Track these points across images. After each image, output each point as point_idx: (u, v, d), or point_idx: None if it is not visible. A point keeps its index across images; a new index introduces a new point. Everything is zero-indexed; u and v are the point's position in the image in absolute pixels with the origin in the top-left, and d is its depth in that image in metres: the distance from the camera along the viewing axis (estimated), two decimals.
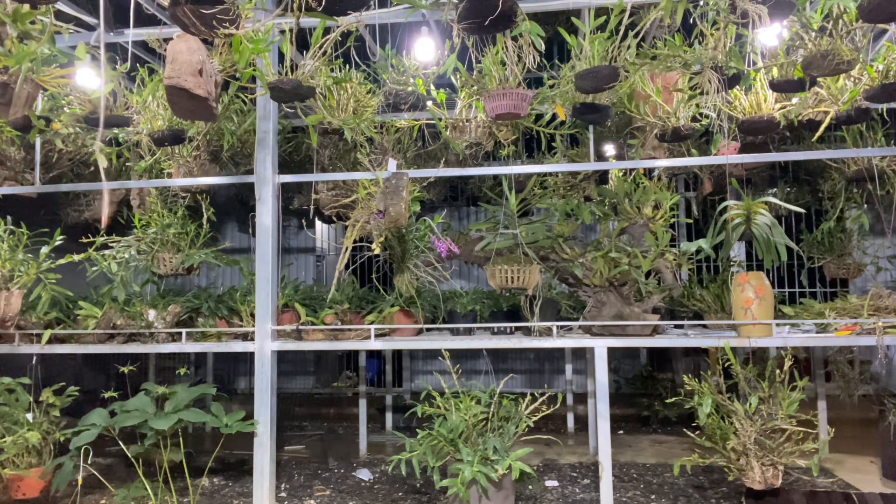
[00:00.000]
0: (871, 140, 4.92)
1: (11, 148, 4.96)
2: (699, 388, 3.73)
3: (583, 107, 4.03)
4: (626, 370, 7.49)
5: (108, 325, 4.38)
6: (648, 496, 4.38)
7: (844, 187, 5.54)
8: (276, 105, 4.44)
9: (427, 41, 4.42)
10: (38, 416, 4.10)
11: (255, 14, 3.33)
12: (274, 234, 4.35)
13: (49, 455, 4.05)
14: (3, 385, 4.10)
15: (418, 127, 5.00)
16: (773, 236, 4.03)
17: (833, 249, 5.68)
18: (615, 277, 4.18)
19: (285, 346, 4.27)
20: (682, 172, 6.20)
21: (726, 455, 3.69)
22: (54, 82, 3.47)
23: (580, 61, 3.67)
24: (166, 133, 4.32)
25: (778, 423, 3.58)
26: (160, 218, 4.83)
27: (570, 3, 4.19)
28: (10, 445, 3.89)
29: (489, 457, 3.58)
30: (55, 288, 4.36)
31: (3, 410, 4.05)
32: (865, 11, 2.90)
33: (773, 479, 3.61)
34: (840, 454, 5.13)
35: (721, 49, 3.39)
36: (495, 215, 4.51)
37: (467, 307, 5.03)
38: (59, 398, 4.16)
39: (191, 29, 2.84)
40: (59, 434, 4.05)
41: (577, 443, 5.96)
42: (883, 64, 3.73)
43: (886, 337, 3.76)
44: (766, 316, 3.85)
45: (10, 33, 3.18)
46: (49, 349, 4.35)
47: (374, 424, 6.68)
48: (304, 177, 4.74)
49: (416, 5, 3.55)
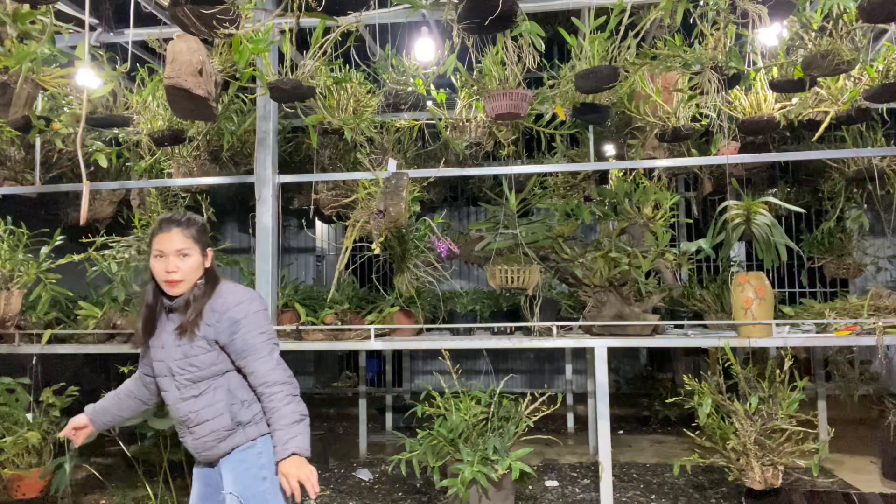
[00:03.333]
0: (871, 140, 4.92)
1: (11, 148, 4.96)
2: (699, 388, 3.73)
3: (583, 107, 4.03)
4: (626, 370, 7.49)
5: (108, 325, 4.38)
6: (648, 496, 4.39)
7: (844, 187, 5.54)
8: (276, 105, 4.44)
9: (427, 41, 4.41)
10: (38, 416, 4.10)
11: (255, 14, 3.33)
12: (274, 234, 4.35)
13: (49, 455, 4.05)
14: (3, 385, 4.10)
15: (418, 127, 5.00)
16: (773, 236, 4.03)
17: (833, 249, 5.67)
18: (615, 277, 4.18)
19: (285, 347, 4.26)
20: (682, 172, 6.20)
21: (726, 455, 3.69)
22: (54, 82, 3.47)
23: (580, 61, 3.67)
24: (166, 133, 4.32)
25: (778, 423, 3.58)
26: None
27: (570, 3, 4.19)
28: (10, 445, 3.89)
29: (489, 457, 3.58)
30: (55, 288, 4.36)
31: (3, 410, 4.05)
32: (865, 11, 2.90)
33: (773, 479, 3.61)
34: (840, 454, 5.12)
35: (721, 49, 3.40)
36: (495, 215, 4.50)
37: (467, 307, 5.03)
38: (59, 398, 4.16)
39: (191, 29, 2.84)
40: (59, 434, 4.05)
41: (577, 443, 5.96)
42: (883, 64, 3.73)
43: (886, 337, 3.75)
44: (766, 316, 3.85)
45: (10, 33, 3.18)
46: (49, 349, 4.34)
47: (374, 424, 6.68)
48: (304, 177, 4.73)
49: (416, 5, 3.55)
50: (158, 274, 2.14)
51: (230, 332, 2.12)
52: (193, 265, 2.14)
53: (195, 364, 2.11)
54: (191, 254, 2.13)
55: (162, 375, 2.19)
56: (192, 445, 2.19)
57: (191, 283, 2.14)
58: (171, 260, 2.11)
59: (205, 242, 2.20)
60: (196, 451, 2.20)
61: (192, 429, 2.15)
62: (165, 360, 2.16)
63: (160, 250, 2.12)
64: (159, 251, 2.13)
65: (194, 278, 2.15)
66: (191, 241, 2.14)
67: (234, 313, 2.14)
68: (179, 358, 2.12)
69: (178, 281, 2.11)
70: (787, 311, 4.37)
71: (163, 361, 2.17)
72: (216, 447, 2.16)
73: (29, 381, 4.20)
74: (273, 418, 2.07)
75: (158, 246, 2.13)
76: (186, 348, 2.12)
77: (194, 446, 2.18)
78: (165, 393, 2.20)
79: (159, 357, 2.18)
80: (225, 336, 2.12)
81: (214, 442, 2.15)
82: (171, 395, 2.18)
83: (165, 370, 2.17)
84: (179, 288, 2.13)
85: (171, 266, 2.10)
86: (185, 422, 2.16)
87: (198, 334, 2.11)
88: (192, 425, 2.14)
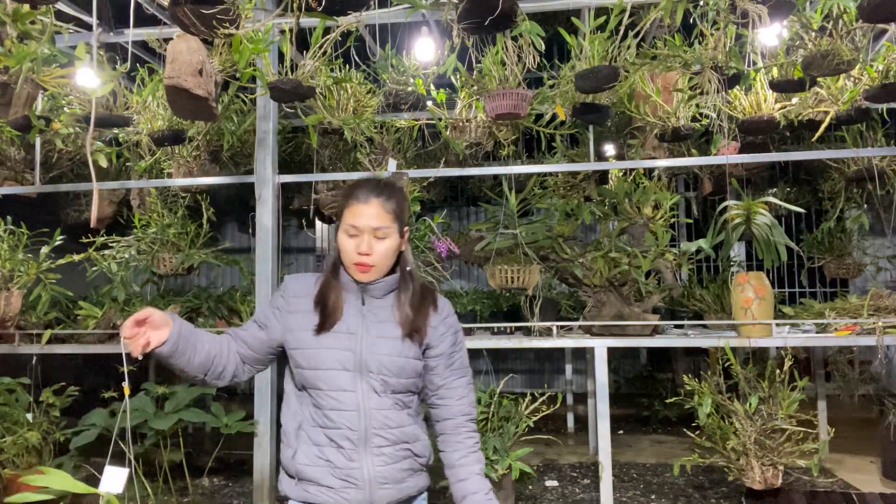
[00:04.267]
0: (871, 140, 4.92)
1: (11, 148, 4.96)
2: (699, 388, 3.73)
3: (583, 107, 4.03)
4: (626, 370, 7.49)
5: (109, 325, 4.38)
6: (648, 496, 4.38)
7: (844, 187, 5.54)
8: (276, 105, 4.44)
9: (427, 41, 4.41)
10: (38, 416, 4.10)
11: (255, 14, 3.33)
12: (274, 234, 4.35)
13: (49, 455, 4.05)
14: (3, 385, 4.09)
15: (418, 127, 5.00)
16: (773, 236, 4.03)
17: (833, 249, 5.67)
18: (615, 277, 4.18)
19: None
20: (682, 172, 6.21)
21: (726, 455, 3.69)
22: (54, 82, 3.47)
23: (580, 61, 3.67)
24: (166, 133, 4.32)
25: (778, 423, 3.58)
26: (160, 218, 4.83)
27: (570, 3, 4.19)
28: (10, 445, 3.88)
29: (489, 457, 3.58)
30: (55, 288, 4.36)
31: (3, 410, 4.04)
32: (865, 11, 2.90)
33: (773, 479, 3.61)
34: (840, 454, 5.12)
35: (721, 49, 3.39)
36: (495, 215, 4.50)
37: (467, 307, 5.03)
38: (59, 398, 4.16)
39: (191, 29, 2.84)
40: (59, 434, 4.05)
41: (577, 443, 5.96)
42: (883, 64, 3.73)
43: (886, 337, 3.75)
44: (766, 316, 3.85)
45: (10, 33, 3.18)
46: (49, 349, 4.34)
47: None
48: (304, 177, 4.73)
49: (416, 5, 3.55)
50: (347, 253, 1.70)
51: (452, 343, 1.75)
52: (390, 249, 1.70)
53: (406, 369, 1.68)
54: (389, 234, 1.70)
55: (340, 370, 1.66)
56: (369, 472, 1.62)
57: (383, 270, 1.72)
58: (365, 239, 1.67)
59: (404, 219, 1.76)
60: (367, 481, 1.62)
61: (382, 448, 1.64)
62: (359, 351, 1.67)
63: (354, 226, 1.68)
64: (352, 226, 1.69)
65: (388, 264, 1.73)
66: (391, 218, 1.70)
67: (453, 321, 1.78)
68: (387, 353, 1.67)
69: (370, 266, 1.69)
70: (787, 311, 4.37)
71: (350, 352, 1.67)
72: (402, 483, 1.67)
73: (29, 381, 4.20)
74: (466, 461, 1.71)
75: (352, 219, 1.69)
76: (400, 345, 1.69)
77: (374, 474, 1.62)
78: (346, 394, 1.64)
79: (344, 345, 1.67)
80: (445, 345, 1.74)
81: (405, 474, 1.67)
82: (356, 398, 1.65)
83: (354, 364, 1.65)
84: (370, 275, 1.71)
85: (365, 247, 1.67)
86: (378, 432, 1.64)
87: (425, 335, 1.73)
88: (384, 444, 1.64)
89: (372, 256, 1.67)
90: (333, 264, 1.77)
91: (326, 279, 1.76)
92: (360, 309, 1.73)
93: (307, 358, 1.68)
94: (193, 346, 1.64)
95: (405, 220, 1.76)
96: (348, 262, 1.71)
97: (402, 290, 1.75)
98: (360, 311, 1.72)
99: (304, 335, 1.71)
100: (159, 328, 1.58)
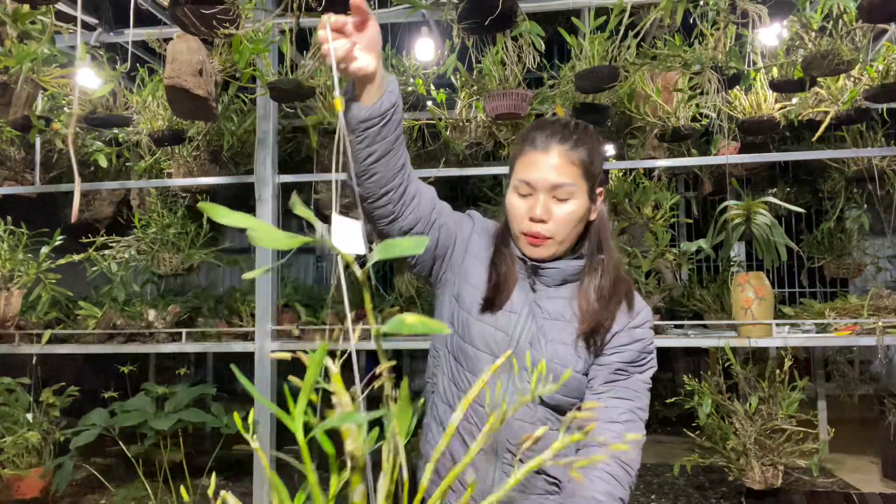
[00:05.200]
0: (871, 140, 4.92)
1: (11, 148, 4.96)
2: (699, 389, 3.73)
3: (583, 107, 4.03)
4: None
5: (109, 325, 4.38)
6: (648, 496, 4.38)
7: (844, 187, 5.54)
8: (276, 105, 4.44)
9: (427, 41, 4.41)
10: (38, 416, 4.10)
11: (255, 14, 3.33)
12: None
13: (49, 455, 4.05)
14: (3, 385, 4.10)
15: (418, 127, 5.00)
16: (773, 236, 4.03)
17: (833, 249, 5.67)
18: None
19: (285, 347, 4.27)
20: (682, 172, 6.20)
21: (726, 455, 3.69)
22: (54, 82, 3.47)
23: (580, 61, 3.67)
24: (166, 133, 4.32)
25: (778, 423, 3.58)
26: (160, 218, 4.83)
27: (570, 3, 4.19)
28: (10, 445, 3.89)
29: None
30: (55, 288, 4.36)
31: (3, 410, 4.05)
32: (865, 11, 2.90)
33: (773, 479, 3.61)
34: (840, 454, 5.12)
35: (721, 49, 3.40)
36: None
37: None
38: (59, 398, 4.16)
39: (191, 29, 2.84)
40: (59, 434, 4.05)
41: None
42: (883, 64, 3.73)
43: (886, 337, 3.75)
44: (766, 316, 3.85)
45: (10, 33, 3.18)
46: (49, 349, 4.34)
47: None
48: (304, 177, 4.73)
49: (416, 5, 3.55)
50: (516, 219, 1.26)
51: (630, 362, 1.30)
52: (574, 215, 1.23)
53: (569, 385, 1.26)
54: (574, 195, 1.22)
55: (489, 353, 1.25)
56: None
57: (563, 244, 1.25)
58: (541, 200, 1.21)
59: (598, 176, 1.26)
60: None
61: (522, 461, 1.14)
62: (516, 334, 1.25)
63: (526, 181, 1.23)
64: (524, 182, 1.23)
65: (571, 238, 1.25)
66: (578, 174, 1.22)
67: (644, 334, 1.33)
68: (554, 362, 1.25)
69: (545, 238, 1.23)
70: (787, 311, 4.37)
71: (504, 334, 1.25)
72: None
73: (29, 381, 4.20)
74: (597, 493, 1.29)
75: (524, 172, 1.23)
76: (573, 354, 1.26)
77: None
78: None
79: (503, 325, 1.26)
80: (620, 358, 1.29)
81: (543, 497, 1.29)
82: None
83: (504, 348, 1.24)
84: (544, 249, 1.24)
85: (540, 211, 1.21)
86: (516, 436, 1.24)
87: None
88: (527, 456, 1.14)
89: (549, 224, 1.21)
90: (501, 233, 1.32)
91: (497, 247, 1.31)
92: (529, 297, 1.28)
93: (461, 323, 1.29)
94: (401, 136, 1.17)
95: (599, 178, 1.27)
96: (517, 230, 1.26)
97: (587, 279, 1.27)
98: (527, 301, 1.27)
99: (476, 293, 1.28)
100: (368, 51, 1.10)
